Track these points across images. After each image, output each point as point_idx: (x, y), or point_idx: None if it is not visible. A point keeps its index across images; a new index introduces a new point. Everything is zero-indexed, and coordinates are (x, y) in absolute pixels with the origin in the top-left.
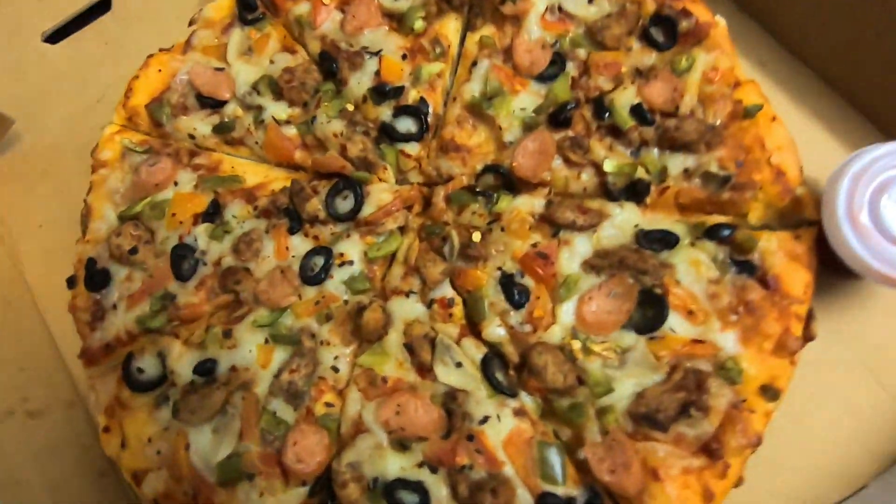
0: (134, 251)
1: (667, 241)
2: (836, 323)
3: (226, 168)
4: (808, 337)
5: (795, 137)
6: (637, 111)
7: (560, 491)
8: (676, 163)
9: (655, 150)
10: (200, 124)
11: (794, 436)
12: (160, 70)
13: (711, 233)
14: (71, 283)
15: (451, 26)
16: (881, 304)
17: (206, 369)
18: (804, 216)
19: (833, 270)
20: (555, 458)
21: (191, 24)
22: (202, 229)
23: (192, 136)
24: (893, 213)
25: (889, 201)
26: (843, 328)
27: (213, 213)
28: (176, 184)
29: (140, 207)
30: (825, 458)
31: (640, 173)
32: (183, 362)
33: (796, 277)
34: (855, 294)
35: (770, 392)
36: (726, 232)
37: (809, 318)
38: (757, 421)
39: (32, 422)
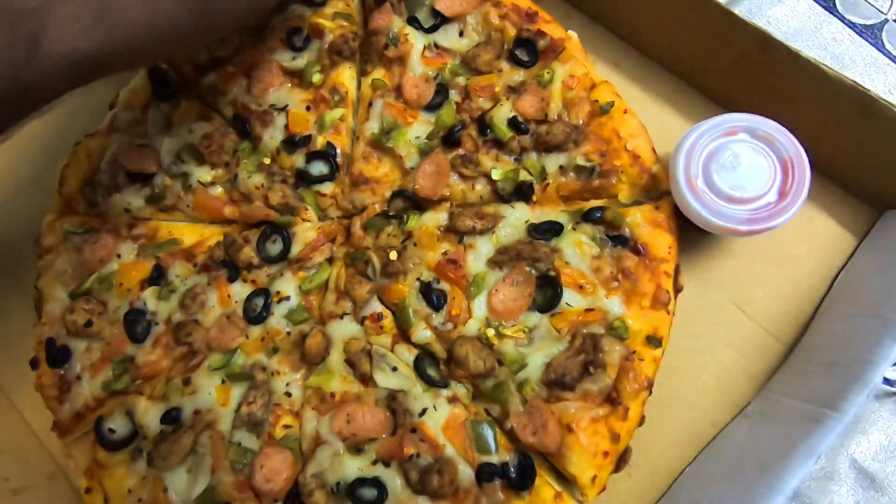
0: (89, 324)
1: (553, 229)
2: (703, 272)
3: (163, 233)
4: (677, 289)
5: (650, 121)
6: (513, 123)
7: (495, 460)
8: (552, 162)
9: (534, 154)
10: (133, 198)
11: (684, 374)
12: (88, 155)
13: (587, 216)
14: (34, 364)
15: (346, 74)
16: (736, 251)
17: (172, 418)
18: (662, 189)
19: (692, 230)
20: (487, 433)
21: (111, 107)
22: (149, 293)
23: (127, 210)
24: (721, 176)
25: (717, 166)
26: (708, 276)
27: (157, 277)
28: (119, 256)
29: (89, 284)
30: (712, 387)
31: (524, 176)
32: (150, 416)
33: (660, 241)
34: (714, 246)
35: (654, 341)
36: (598, 214)
37: (676, 273)
38: (647, 367)
39: (17, 498)
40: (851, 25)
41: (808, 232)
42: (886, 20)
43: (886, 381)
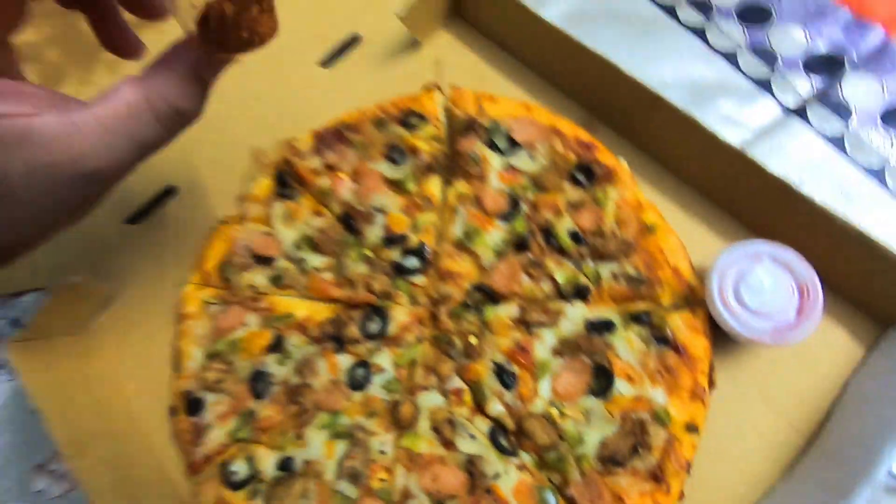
0: (219, 381)
1: (606, 327)
2: (734, 371)
3: (280, 308)
4: (711, 385)
5: (687, 237)
6: (574, 235)
7: None
8: (606, 269)
9: (590, 262)
10: (258, 277)
11: (717, 458)
12: (224, 240)
13: (636, 318)
14: (173, 412)
15: (435, 185)
16: (762, 354)
17: (285, 465)
18: (698, 298)
19: (724, 335)
20: (551, 499)
21: (241, 200)
22: (271, 359)
23: (252, 287)
24: (748, 295)
25: (745, 287)
26: (739, 375)
27: (276, 346)
28: (245, 325)
29: (220, 346)
30: (741, 470)
31: (583, 280)
32: (267, 462)
33: (697, 344)
34: (744, 351)
35: (692, 428)
36: (645, 318)
37: (711, 371)
38: (686, 451)
39: None
40: (858, 165)
41: (824, 340)
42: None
43: (894, 476)
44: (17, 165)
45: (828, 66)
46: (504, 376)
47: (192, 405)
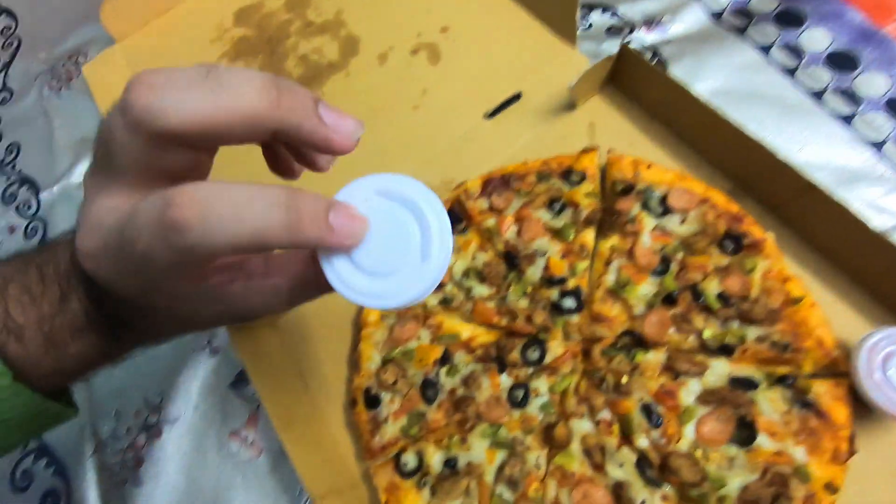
0: (395, 383)
1: (750, 384)
2: (876, 445)
3: (447, 327)
4: (852, 451)
5: (832, 313)
6: (721, 296)
7: None
8: (752, 332)
9: (736, 323)
10: (431, 299)
11: None
12: None
13: (780, 380)
14: (353, 404)
15: (589, 237)
16: None
17: (451, 464)
18: (840, 369)
19: (867, 410)
20: None
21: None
22: (443, 370)
23: (424, 306)
24: (895, 375)
25: (892, 368)
26: (879, 444)
27: (446, 359)
28: (418, 338)
29: (395, 354)
30: None
31: (728, 339)
32: (434, 459)
33: (840, 411)
34: (889, 428)
35: (831, 488)
36: (790, 381)
37: (852, 439)
38: None
39: (341, 497)
40: None
41: None
42: None
43: None
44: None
45: None
46: (651, 415)
47: (371, 400)
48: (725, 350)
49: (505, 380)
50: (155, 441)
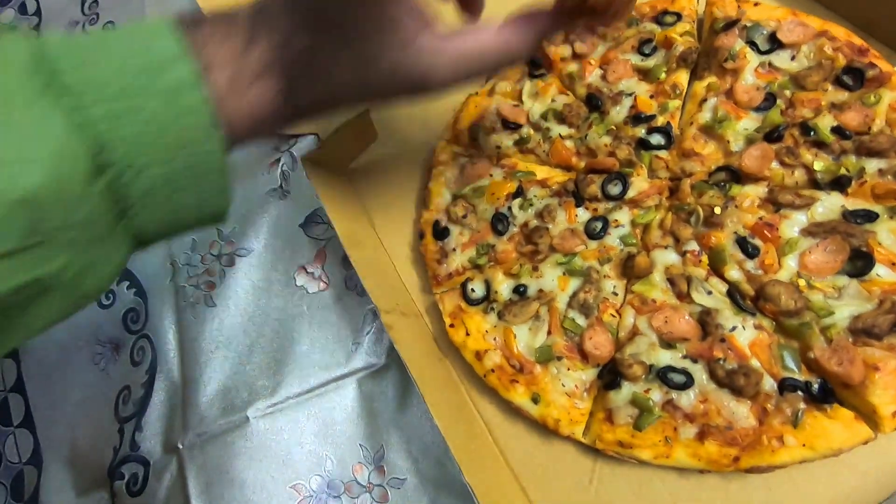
0: (465, 216)
1: (869, 216)
2: None
3: (521, 166)
4: None
5: None
6: (837, 130)
7: (798, 377)
8: (872, 164)
9: (853, 156)
10: (505, 140)
11: None
12: (475, 106)
13: None
14: (421, 236)
15: (683, 77)
16: None
17: (520, 291)
18: None
19: None
20: (790, 357)
21: (488, 80)
22: (515, 203)
23: (498, 147)
24: None
25: None
26: None
27: (519, 194)
28: (491, 175)
29: (466, 190)
30: None
31: (843, 171)
32: (503, 286)
33: None
34: None
35: None
36: None
37: None
38: None
39: (405, 319)
40: None
41: None
42: None
43: None
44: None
45: None
46: (747, 246)
47: (439, 232)
48: (839, 184)
49: (582, 213)
50: (228, 270)
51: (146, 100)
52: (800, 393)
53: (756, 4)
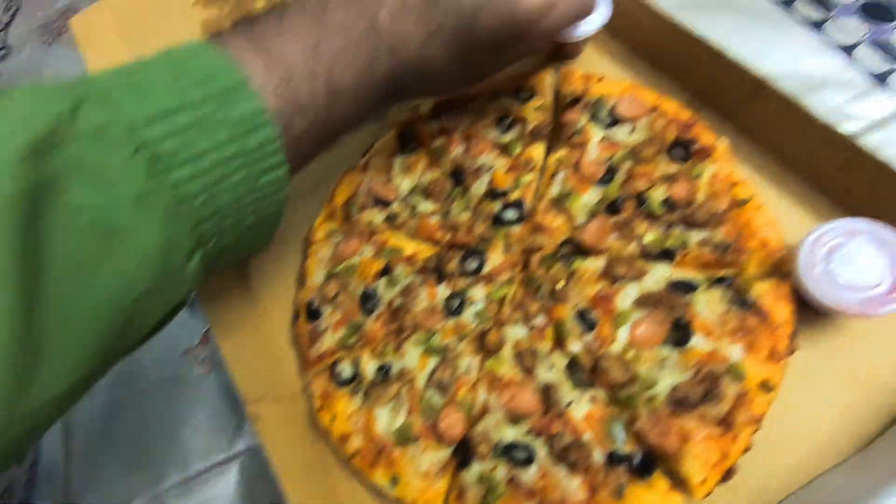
0: (336, 296)
1: (689, 287)
2: (821, 344)
3: (391, 243)
4: (791, 349)
5: (784, 216)
6: (666, 202)
7: (623, 450)
8: (694, 236)
9: (679, 228)
10: (376, 216)
11: (792, 423)
12: (350, 182)
13: (719, 281)
14: (295, 317)
15: (536, 151)
16: (852, 331)
17: (384, 371)
18: (784, 269)
19: (814, 311)
20: (618, 429)
21: (364, 154)
22: (382, 281)
23: (369, 224)
24: (839, 266)
25: (837, 259)
26: (825, 347)
27: (386, 272)
28: (361, 253)
29: (339, 268)
30: (816, 438)
31: (670, 243)
32: (368, 367)
33: (781, 309)
34: (836, 327)
35: (766, 387)
36: (729, 280)
37: (793, 336)
38: (758, 406)
39: (275, 404)
40: None
41: None
42: None
43: None
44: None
45: None
46: (586, 319)
47: (312, 313)
48: (666, 255)
49: (442, 289)
50: None
51: (234, 167)
52: (625, 465)
53: (600, 80)
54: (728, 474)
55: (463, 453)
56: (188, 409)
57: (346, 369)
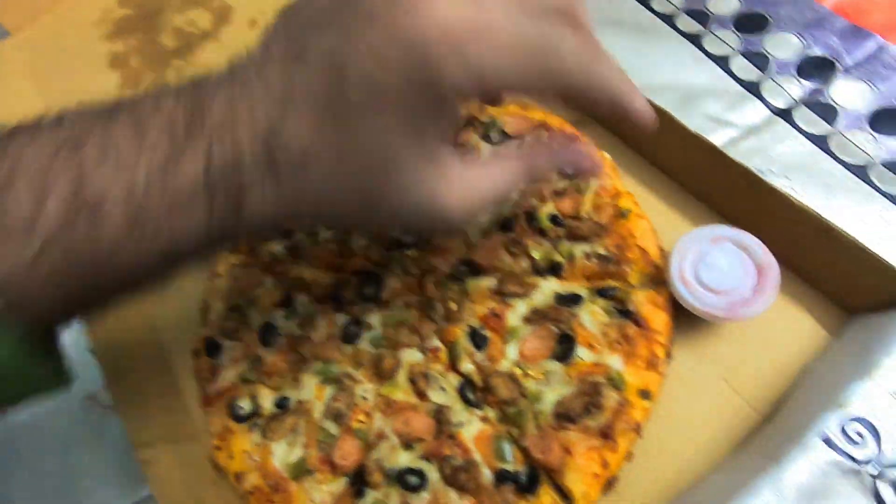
0: (236, 330)
1: (574, 300)
2: (697, 351)
3: (292, 273)
4: (668, 356)
5: (661, 222)
6: (553, 218)
7: (510, 468)
8: (579, 249)
9: (566, 242)
10: (278, 247)
11: (671, 429)
12: None
13: (601, 293)
14: (196, 354)
15: None
16: (727, 336)
17: (282, 404)
18: (662, 277)
19: (690, 317)
20: (506, 447)
21: None
22: (279, 314)
23: (271, 254)
24: (706, 272)
25: (703, 265)
26: (702, 354)
27: (286, 303)
28: (262, 284)
29: (239, 301)
30: (695, 443)
31: (557, 257)
32: (267, 401)
33: (658, 318)
34: (710, 332)
35: (645, 394)
36: (611, 292)
37: (669, 344)
38: (637, 414)
39: (174, 445)
40: (843, 163)
41: (790, 327)
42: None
43: (852, 458)
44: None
45: (819, 69)
46: (477, 338)
47: (212, 349)
48: (554, 269)
49: (340, 317)
50: None
51: None
52: (511, 483)
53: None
54: (609, 485)
55: (358, 483)
56: (88, 458)
57: (245, 405)
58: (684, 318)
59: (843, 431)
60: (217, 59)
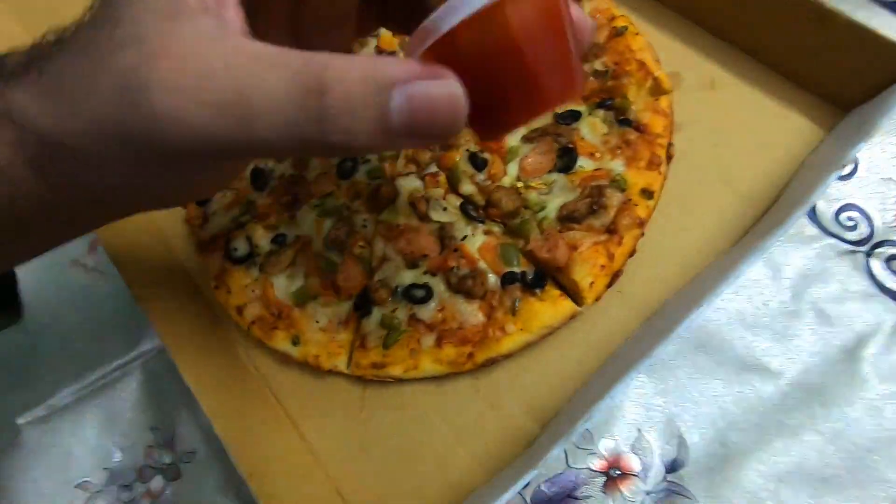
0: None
1: (573, 115)
2: (696, 156)
3: None
4: (669, 156)
5: (665, 54)
6: None
7: (516, 270)
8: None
9: None
10: None
11: (673, 227)
12: None
13: (600, 105)
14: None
15: None
16: (725, 139)
17: (279, 241)
18: (663, 90)
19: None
20: (512, 252)
21: None
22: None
23: None
24: None
25: None
26: (700, 157)
27: None
28: None
29: None
30: (696, 240)
31: None
32: (263, 239)
33: (658, 122)
34: (708, 137)
35: (647, 193)
36: (609, 102)
37: (669, 146)
38: (640, 211)
39: (173, 291)
40: None
41: (785, 127)
42: None
43: (845, 241)
44: None
45: None
46: (476, 161)
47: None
48: None
49: None
50: None
51: None
52: (518, 283)
53: None
54: (615, 277)
55: (363, 305)
56: (79, 318)
57: (240, 246)
58: (686, 128)
59: (836, 219)
60: None
